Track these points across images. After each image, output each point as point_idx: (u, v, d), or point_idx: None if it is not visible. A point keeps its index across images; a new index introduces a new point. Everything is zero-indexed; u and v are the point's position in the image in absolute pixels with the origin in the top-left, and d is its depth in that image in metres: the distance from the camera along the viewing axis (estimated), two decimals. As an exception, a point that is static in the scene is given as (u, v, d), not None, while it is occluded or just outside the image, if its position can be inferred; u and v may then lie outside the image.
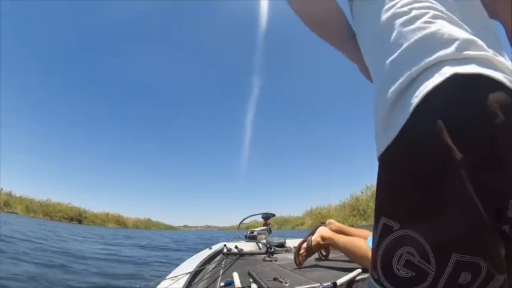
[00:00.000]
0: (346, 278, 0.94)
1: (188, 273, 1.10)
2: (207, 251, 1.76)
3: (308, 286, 0.96)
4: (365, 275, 1.00)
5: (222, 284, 1.05)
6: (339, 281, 0.89)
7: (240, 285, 0.96)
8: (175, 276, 1.04)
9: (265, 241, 2.08)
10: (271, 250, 1.75)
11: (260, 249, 2.02)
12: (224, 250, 1.86)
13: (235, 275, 1.06)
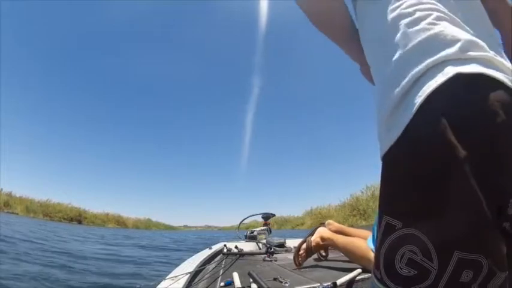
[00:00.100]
0: (346, 278, 0.94)
1: (188, 273, 1.10)
2: (207, 251, 1.76)
3: (308, 286, 0.96)
4: (365, 275, 1.00)
5: (222, 284, 1.05)
6: (339, 281, 0.89)
7: (240, 285, 0.96)
8: (175, 276, 1.04)
9: (265, 241, 2.08)
10: (271, 250, 1.75)
11: (260, 249, 2.02)
12: (224, 250, 1.86)
13: (235, 275, 1.06)
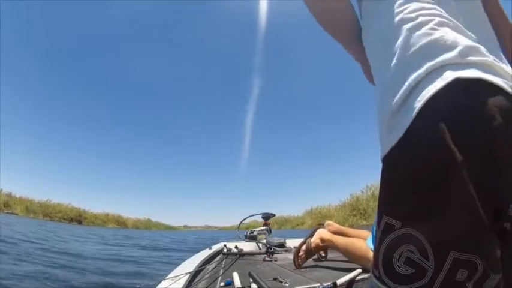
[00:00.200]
0: (346, 278, 0.94)
1: (188, 273, 1.10)
2: (207, 251, 1.76)
3: (308, 286, 0.96)
4: (365, 275, 1.00)
5: (222, 284, 1.05)
6: (339, 281, 0.89)
7: (240, 285, 0.96)
8: (175, 276, 1.04)
9: (265, 241, 2.08)
10: (271, 250, 1.75)
11: (260, 249, 2.02)
12: (224, 250, 1.86)
13: (235, 275, 1.06)
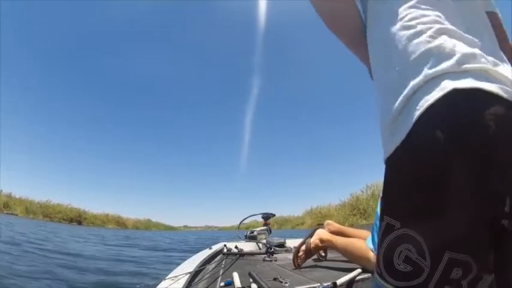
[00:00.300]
0: (346, 278, 0.94)
1: (188, 273, 1.10)
2: (207, 251, 1.76)
3: (308, 286, 0.96)
4: (365, 275, 1.00)
5: (222, 284, 1.05)
6: (339, 281, 0.89)
7: (240, 285, 0.96)
8: (175, 276, 1.04)
9: (265, 241, 2.08)
10: (271, 250, 1.75)
11: (260, 249, 2.02)
12: (224, 250, 1.86)
13: (235, 275, 1.06)
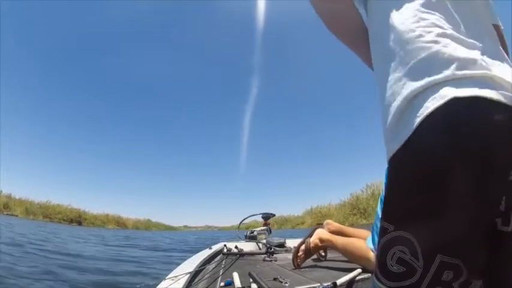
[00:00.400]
0: (346, 278, 0.94)
1: (188, 273, 1.10)
2: (207, 251, 1.76)
3: (308, 286, 0.96)
4: (365, 275, 1.00)
5: (222, 284, 1.05)
6: (339, 281, 0.89)
7: (240, 285, 0.96)
8: (175, 276, 1.04)
9: (265, 241, 2.08)
10: (271, 250, 1.75)
11: (260, 249, 2.02)
12: (224, 250, 1.86)
13: (235, 275, 1.06)
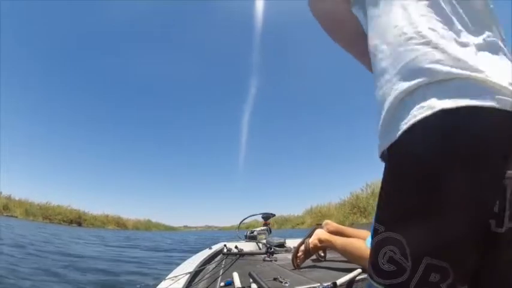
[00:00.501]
0: (346, 278, 0.94)
1: (188, 273, 1.10)
2: (207, 251, 1.76)
3: (308, 286, 0.96)
4: (365, 275, 1.00)
5: (222, 284, 1.05)
6: (338, 281, 0.89)
7: (240, 285, 0.96)
8: (175, 276, 1.04)
9: (265, 241, 2.08)
10: (271, 250, 1.75)
11: (260, 249, 2.02)
12: (224, 250, 1.86)
13: (235, 275, 1.06)
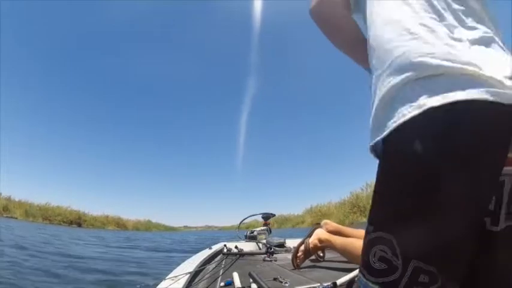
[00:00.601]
0: (346, 278, 0.93)
1: (188, 273, 1.10)
2: (207, 251, 1.76)
3: (308, 286, 0.96)
4: None
5: (222, 284, 1.05)
6: (338, 281, 0.89)
7: (240, 285, 0.96)
8: (175, 276, 1.04)
9: (265, 241, 2.08)
10: (271, 250, 1.75)
11: (260, 249, 2.02)
12: (224, 250, 1.86)
13: (235, 275, 1.06)
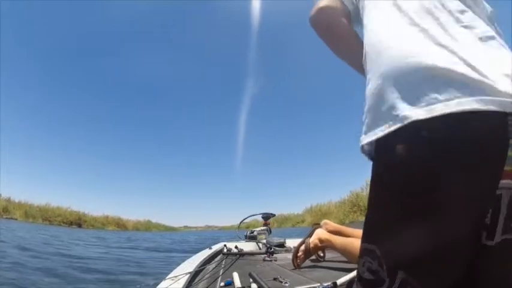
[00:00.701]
0: (346, 278, 0.93)
1: (188, 273, 1.10)
2: (207, 251, 1.76)
3: (308, 286, 0.96)
4: None
5: (222, 284, 1.05)
6: (339, 281, 0.89)
7: (240, 285, 0.96)
8: (175, 276, 1.04)
9: (265, 241, 2.08)
10: (271, 250, 1.75)
11: (260, 249, 2.02)
12: (224, 250, 1.86)
13: (235, 275, 1.06)
